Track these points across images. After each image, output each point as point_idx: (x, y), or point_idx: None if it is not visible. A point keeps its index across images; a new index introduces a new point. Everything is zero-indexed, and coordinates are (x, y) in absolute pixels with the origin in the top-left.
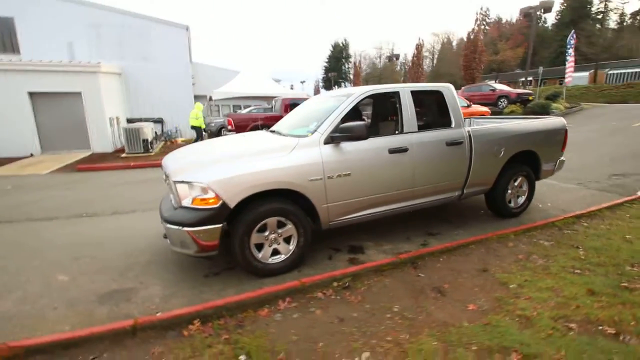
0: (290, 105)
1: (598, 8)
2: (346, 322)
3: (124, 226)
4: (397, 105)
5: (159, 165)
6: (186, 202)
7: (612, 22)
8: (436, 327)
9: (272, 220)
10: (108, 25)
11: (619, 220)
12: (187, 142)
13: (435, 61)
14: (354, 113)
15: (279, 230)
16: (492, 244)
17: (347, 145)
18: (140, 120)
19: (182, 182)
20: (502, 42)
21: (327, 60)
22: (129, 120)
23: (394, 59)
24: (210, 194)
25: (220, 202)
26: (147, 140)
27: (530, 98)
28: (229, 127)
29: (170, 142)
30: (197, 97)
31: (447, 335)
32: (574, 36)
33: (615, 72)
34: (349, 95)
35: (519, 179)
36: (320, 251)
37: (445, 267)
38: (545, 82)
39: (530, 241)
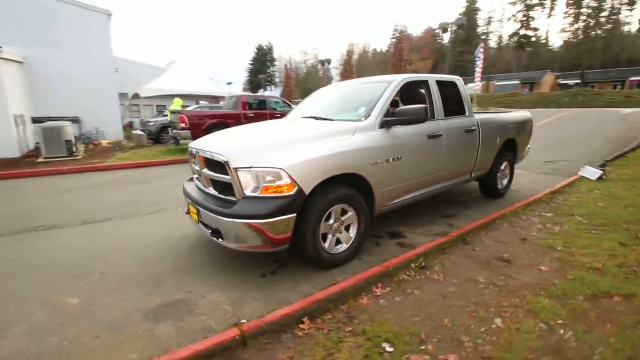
0: (248, 103)
1: (482, 29)
2: (449, 297)
3: (110, 236)
4: (428, 93)
5: (100, 169)
6: (250, 192)
7: (493, 42)
8: (533, 289)
9: (337, 208)
10: (4, 2)
11: (579, 194)
12: (114, 145)
13: (354, 68)
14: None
15: (342, 218)
16: (509, 219)
17: (397, 130)
18: (49, 119)
19: (250, 168)
20: (414, 54)
21: (251, 62)
22: (35, 120)
23: (326, 63)
24: (285, 180)
25: (296, 188)
26: (70, 141)
27: None
28: (182, 125)
29: (93, 145)
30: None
31: (550, 292)
32: (482, 49)
33: (500, 83)
34: (390, 81)
35: (505, 164)
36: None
37: (489, 240)
38: None
39: (534, 214)
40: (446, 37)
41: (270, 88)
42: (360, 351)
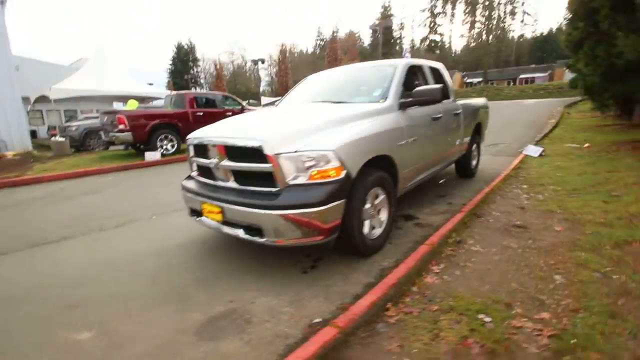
0: (196, 101)
1: (396, 34)
2: (499, 265)
3: (82, 256)
4: (423, 78)
5: (22, 183)
6: (292, 179)
7: (406, 45)
8: (564, 246)
9: (373, 191)
10: None
11: (534, 168)
12: (24, 156)
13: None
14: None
15: (375, 202)
16: (498, 192)
17: (411, 112)
18: None
19: (295, 153)
20: (343, 54)
21: (171, 62)
22: None
23: (260, 63)
24: (333, 164)
25: (344, 172)
26: None
27: None
28: (121, 127)
29: None
30: None
31: (581, 247)
32: (409, 51)
33: None
34: (396, 65)
35: (474, 146)
36: None
37: (494, 212)
38: None
39: (514, 187)
40: (366, 41)
41: (196, 89)
42: (463, 326)
